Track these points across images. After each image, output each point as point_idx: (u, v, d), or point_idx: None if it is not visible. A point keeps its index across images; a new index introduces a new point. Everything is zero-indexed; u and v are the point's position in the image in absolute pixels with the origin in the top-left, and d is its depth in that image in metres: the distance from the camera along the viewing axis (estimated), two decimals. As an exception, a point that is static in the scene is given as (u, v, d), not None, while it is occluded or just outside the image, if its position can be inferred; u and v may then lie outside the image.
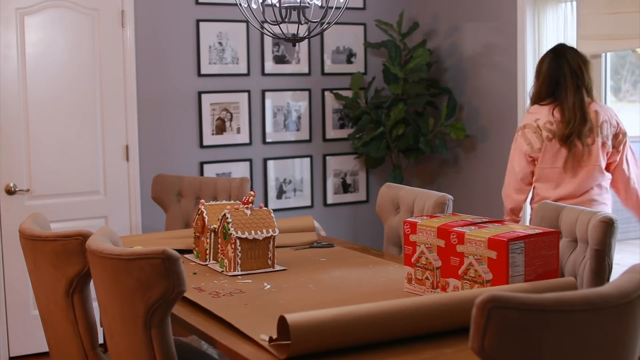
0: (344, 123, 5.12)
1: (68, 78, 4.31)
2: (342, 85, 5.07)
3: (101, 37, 4.36)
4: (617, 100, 4.29)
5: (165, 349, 2.04)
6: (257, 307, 2.33)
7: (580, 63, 3.40)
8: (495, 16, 4.66)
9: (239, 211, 2.79)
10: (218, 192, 4.03)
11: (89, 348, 2.42)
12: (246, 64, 4.77)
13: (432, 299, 2.07)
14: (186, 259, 2.98)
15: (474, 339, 1.44)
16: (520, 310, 1.43)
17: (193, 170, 4.68)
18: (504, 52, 4.61)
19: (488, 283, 2.24)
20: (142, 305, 2.01)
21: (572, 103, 3.33)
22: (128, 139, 4.47)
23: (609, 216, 2.61)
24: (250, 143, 4.84)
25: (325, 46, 5.02)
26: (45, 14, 4.24)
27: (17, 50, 4.18)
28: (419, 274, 2.47)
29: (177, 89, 4.61)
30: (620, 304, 1.54)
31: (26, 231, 2.49)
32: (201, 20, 4.64)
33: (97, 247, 2.11)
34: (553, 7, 4.31)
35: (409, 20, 5.17)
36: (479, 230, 2.31)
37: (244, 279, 2.69)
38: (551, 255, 2.30)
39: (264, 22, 3.03)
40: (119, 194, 4.47)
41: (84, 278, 2.38)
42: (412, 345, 1.96)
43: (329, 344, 1.89)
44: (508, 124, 4.57)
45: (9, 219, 4.19)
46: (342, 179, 5.14)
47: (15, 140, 4.20)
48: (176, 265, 1.98)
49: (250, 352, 1.95)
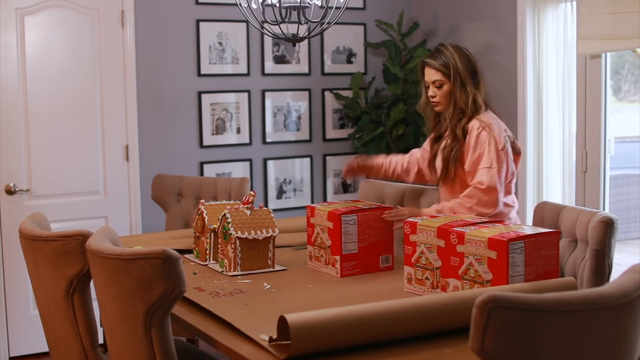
0: (344, 123, 5.12)
1: (68, 78, 4.31)
2: (342, 85, 5.07)
3: (101, 37, 4.36)
4: (617, 100, 4.29)
5: (165, 349, 2.04)
6: (257, 307, 2.33)
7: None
8: (495, 16, 4.66)
9: (239, 211, 2.79)
10: (218, 192, 4.03)
11: (89, 348, 2.42)
12: (246, 64, 4.78)
13: (432, 299, 2.06)
14: (186, 259, 2.98)
15: (474, 339, 1.44)
16: (520, 310, 1.43)
17: (193, 170, 4.68)
18: (504, 52, 4.61)
19: (488, 283, 2.24)
20: (142, 305, 2.01)
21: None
22: (128, 139, 4.47)
23: (609, 216, 2.61)
24: (250, 143, 4.84)
25: (325, 46, 5.02)
26: (45, 14, 4.24)
27: (17, 50, 4.18)
28: (419, 274, 2.47)
29: (177, 89, 4.61)
30: (620, 304, 1.54)
31: (26, 231, 2.49)
32: (201, 20, 4.64)
33: (97, 247, 2.11)
34: (553, 7, 4.31)
35: (409, 20, 5.17)
36: (479, 230, 2.31)
37: (244, 279, 2.69)
38: (551, 255, 2.30)
39: (264, 22, 3.03)
40: (119, 194, 4.47)
41: (84, 278, 2.38)
42: (412, 345, 1.96)
43: (329, 344, 1.89)
44: (508, 124, 4.55)
45: (9, 219, 4.19)
46: (342, 179, 5.14)
47: (15, 140, 4.20)
48: (176, 265, 1.98)
49: (250, 352, 1.95)
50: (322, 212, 2.80)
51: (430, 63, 3.08)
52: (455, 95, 3.05)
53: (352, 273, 2.74)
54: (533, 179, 4.48)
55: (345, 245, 2.73)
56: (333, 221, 2.74)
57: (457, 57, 3.05)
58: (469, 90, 3.04)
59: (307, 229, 2.89)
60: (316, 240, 2.83)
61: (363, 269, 2.76)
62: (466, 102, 3.04)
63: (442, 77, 3.06)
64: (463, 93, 3.04)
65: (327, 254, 2.77)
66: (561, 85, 4.32)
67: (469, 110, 3.03)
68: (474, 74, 3.09)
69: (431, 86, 3.10)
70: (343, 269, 2.73)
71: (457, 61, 3.05)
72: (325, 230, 2.77)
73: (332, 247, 2.75)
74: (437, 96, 3.09)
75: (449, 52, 3.07)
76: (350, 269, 2.74)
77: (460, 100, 3.04)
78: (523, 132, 4.46)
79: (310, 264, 2.87)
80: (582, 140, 4.15)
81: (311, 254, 2.87)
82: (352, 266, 2.74)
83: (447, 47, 3.09)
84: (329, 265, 2.77)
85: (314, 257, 2.85)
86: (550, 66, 4.37)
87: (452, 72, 3.04)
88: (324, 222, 2.78)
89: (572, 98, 4.23)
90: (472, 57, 3.12)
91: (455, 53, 3.06)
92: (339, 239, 2.72)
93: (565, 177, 4.33)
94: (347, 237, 2.73)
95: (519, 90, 4.48)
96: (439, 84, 3.07)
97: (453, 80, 3.04)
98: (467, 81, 3.05)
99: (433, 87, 3.09)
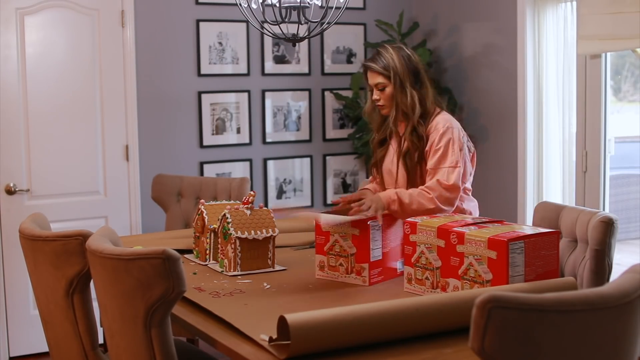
0: (344, 123, 5.13)
1: (68, 78, 4.31)
2: (342, 85, 5.07)
3: (101, 37, 4.36)
4: (617, 100, 4.29)
5: (165, 349, 2.04)
6: (257, 307, 2.33)
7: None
8: (495, 16, 4.66)
9: (238, 211, 2.79)
10: (218, 192, 4.03)
11: (89, 348, 2.42)
12: (246, 64, 4.78)
13: (432, 299, 2.06)
14: (186, 259, 2.98)
15: (474, 339, 1.44)
16: (520, 310, 1.43)
17: (193, 170, 4.68)
18: (503, 52, 4.61)
19: (488, 283, 2.24)
20: (142, 305, 2.01)
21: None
22: (128, 139, 4.47)
23: (609, 216, 2.61)
24: (250, 143, 4.84)
25: (325, 46, 5.02)
26: (45, 14, 4.25)
27: (17, 50, 4.18)
28: (419, 274, 2.47)
29: (177, 89, 4.61)
30: (620, 304, 1.54)
31: (26, 231, 2.48)
32: (201, 20, 4.64)
33: (97, 247, 2.11)
34: (553, 7, 4.31)
35: (409, 20, 5.17)
36: (479, 230, 2.31)
37: (244, 278, 2.69)
38: (551, 255, 2.30)
39: (264, 22, 3.03)
40: (119, 194, 4.47)
41: (84, 278, 2.38)
42: (412, 345, 1.96)
43: (329, 344, 1.89)
44: (508, 124, 4.57)
45: (9, 219, 4.19)
46: (342, 179, 5.14)
47: (15, 140, 4.20)
48: (176, 265, 1.98)
49: (250, 352, 1.95)
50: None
51: (371, 66, 2.98)
52: (397, 98, 2.95)
53: (378, 280, 2.65)
54: (533, 179, 4.49)
55: (373, 252, 2.62)
56: (360, 227, 2.62)
57: (397, 58, 2.95)
58: (408, 92, 2.94)
59: (319, 237, 2.72)
60: (332, 248, 2.68)
61: (386, 276, 2.69)
62: (407, 104, 2.94)
63: (384, 80, 2.95)
64: (404, 95, 2.94)
65: (350, 263, 2.64)
66: (561, 85, 4.32)
67: (411, 112, 2.94)
68: (415, 75, 2.98)
69: (375, 89, 3.00)
70: (371, 276, 2.62)
71: (397, 62, 2.94)
72: (348, 237, 2.64)
73: (357, 254, 2.62)
74: (382, 99, 2.98)
75: (389, 54, 2.96)
76: (377, 276, 2.64)
77: (401, 102, 2.95)
78: (523, 132, 4.46)
79: (322, 274, 2.71)
80: (582, 140, 4.15)
81: (323, 263, 2.70)
82: (378, 273, 2.65)
83: (386, 49, 2.99)
84: (351, 273, 2.64)
85: (328, 266, 2.69)
86: (550, 66, 4.37)
87: (392, 74, 2.94)
88: (346, 229, 2.65)
89: (572, 98, 4.24)
90: (413, 57, 3.00)
91: (394, 54, 2.96)
92: (367, 246, 2.61)
93: (565, 177, 4.34)
94: (374, 243, 2.63)
95: (519, 90, 4.48)
96: (381, 87, 2.97)
97: (393, 82, 2.94)
98: (406, 82, 2.94)
99: (376, 90, 2.99)
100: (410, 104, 2.95)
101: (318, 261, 2.72)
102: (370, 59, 3.02)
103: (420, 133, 2.95)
